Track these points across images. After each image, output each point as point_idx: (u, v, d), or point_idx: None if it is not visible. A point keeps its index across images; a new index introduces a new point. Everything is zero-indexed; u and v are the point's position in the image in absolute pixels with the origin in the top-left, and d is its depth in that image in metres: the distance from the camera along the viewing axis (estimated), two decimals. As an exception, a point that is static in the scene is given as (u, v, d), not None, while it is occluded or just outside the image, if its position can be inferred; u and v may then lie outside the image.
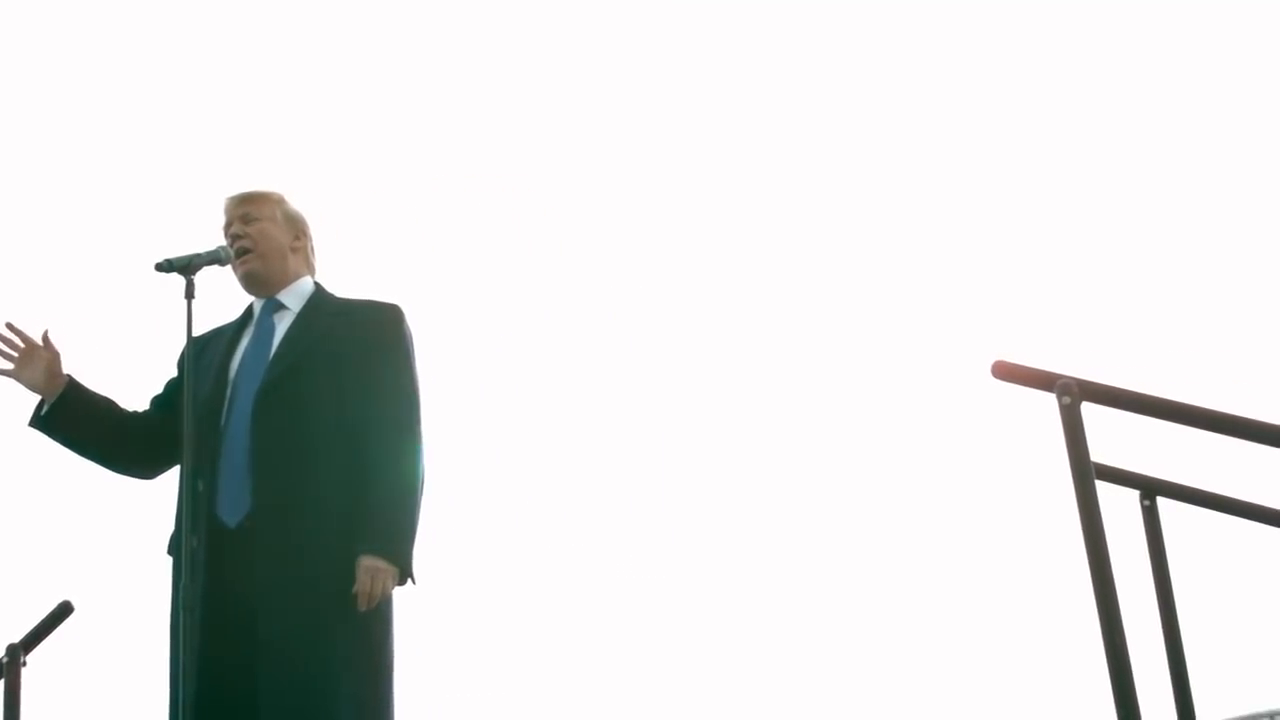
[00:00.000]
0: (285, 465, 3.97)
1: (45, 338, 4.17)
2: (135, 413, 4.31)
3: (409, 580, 3.98)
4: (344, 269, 4.55)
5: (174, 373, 4.34)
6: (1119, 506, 4.15)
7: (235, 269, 4.26)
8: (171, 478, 4.17)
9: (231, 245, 4.24)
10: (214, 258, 4.07)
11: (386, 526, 3.94)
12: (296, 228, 4.37)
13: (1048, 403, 3.32)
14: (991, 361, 3.39)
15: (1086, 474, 3.17)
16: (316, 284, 4.37)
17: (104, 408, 4.27)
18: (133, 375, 4.59)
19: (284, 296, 4.29)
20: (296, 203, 4.41)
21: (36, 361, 4.17)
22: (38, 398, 4.21)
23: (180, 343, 4.12)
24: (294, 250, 4.34)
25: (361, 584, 3.87)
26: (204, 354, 4.22)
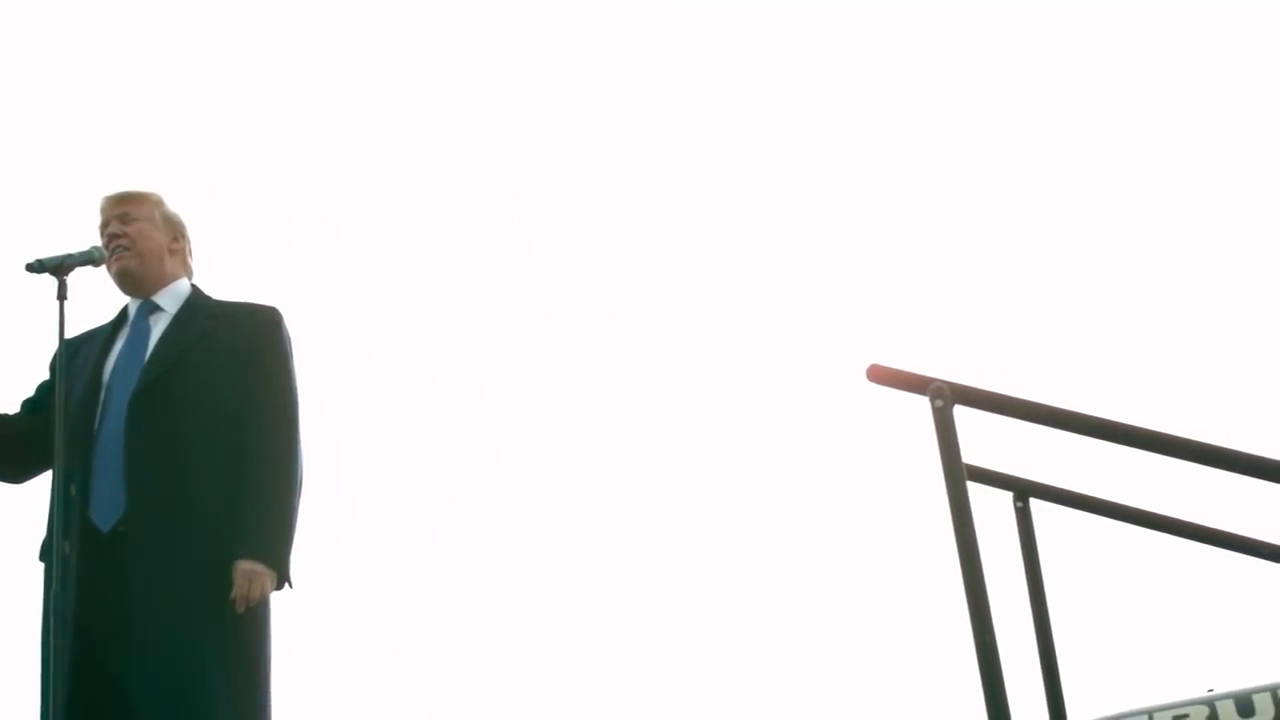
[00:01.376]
0: (160, 469, 3.91)
1: None
2: (5, 415, 4.23)
3: (286, 584, 3.96)
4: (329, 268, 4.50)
5: (46, 375, 4.28)
6: (994, 508, 4.23)
7: (110, 267, 4.20)
8: (43, 482, 4.11)
9: (108, 244, 4.18)
10: (87, 258, 4.01)
11: (264, 530, 3.91)
12: (175, 230, 4.31)
13: (922, 406, 3.37)
14: (866, 365, 3.43)
15: (958, 476, 3.22)
16: (193, 286, 4.32)
17: (-28, 411, 4.20)
18: (3, 378, 4.51)
19: (160, 298, 4.23)
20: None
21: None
22: None
23: (52, 345, 4.06)
24: (172, 252, 4.29)
25: (239, 588, 3.84)
26: (77, 356, 4.16)
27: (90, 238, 4.24)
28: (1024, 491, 4.00)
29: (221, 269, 4.17)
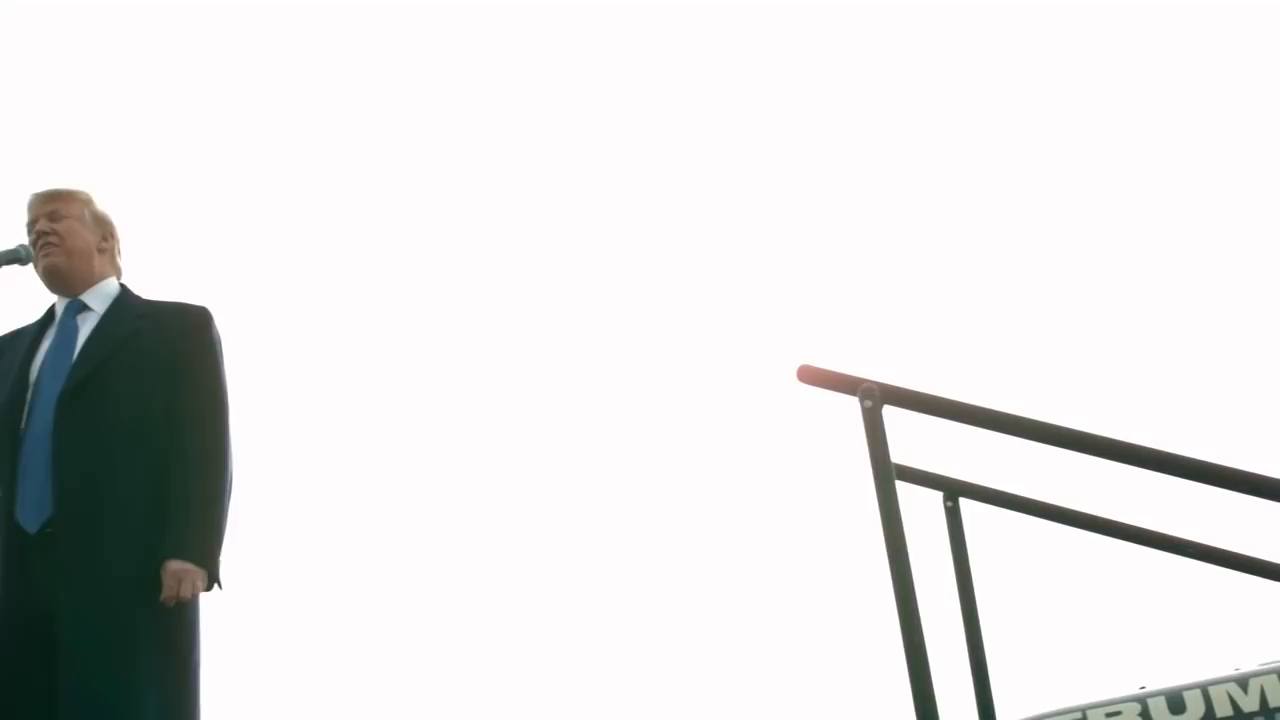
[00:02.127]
0: (89, 469, 3.88)
1: None
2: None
3: (216, 585, 3.94)
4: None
5: (-29, 375, 4.23)
6: (926, 507, 4.26)
7: (37, 265, 4.16)
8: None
9: (36, 242, 4.14)
10: (13, 256, 3.97)
11: (194, 530, 3.89)
12: (105, 229, 4.27)
13: (853, 406, 3.38)
14: (797, 366, 3.44)
15: (887, 475, 3.25)
16: (122, 285, 4.28)
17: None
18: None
19: (88, 297, 4.19)
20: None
21: None
22: None
23: (-23, 344, 4.02)
24: (101, 251, 4.25)
25: (169, 588, 3.81)
26: (3, 356, 4.12)
27: (17, 238, 4.20)
28: (954, 491, 4.03)
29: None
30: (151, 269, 4.48)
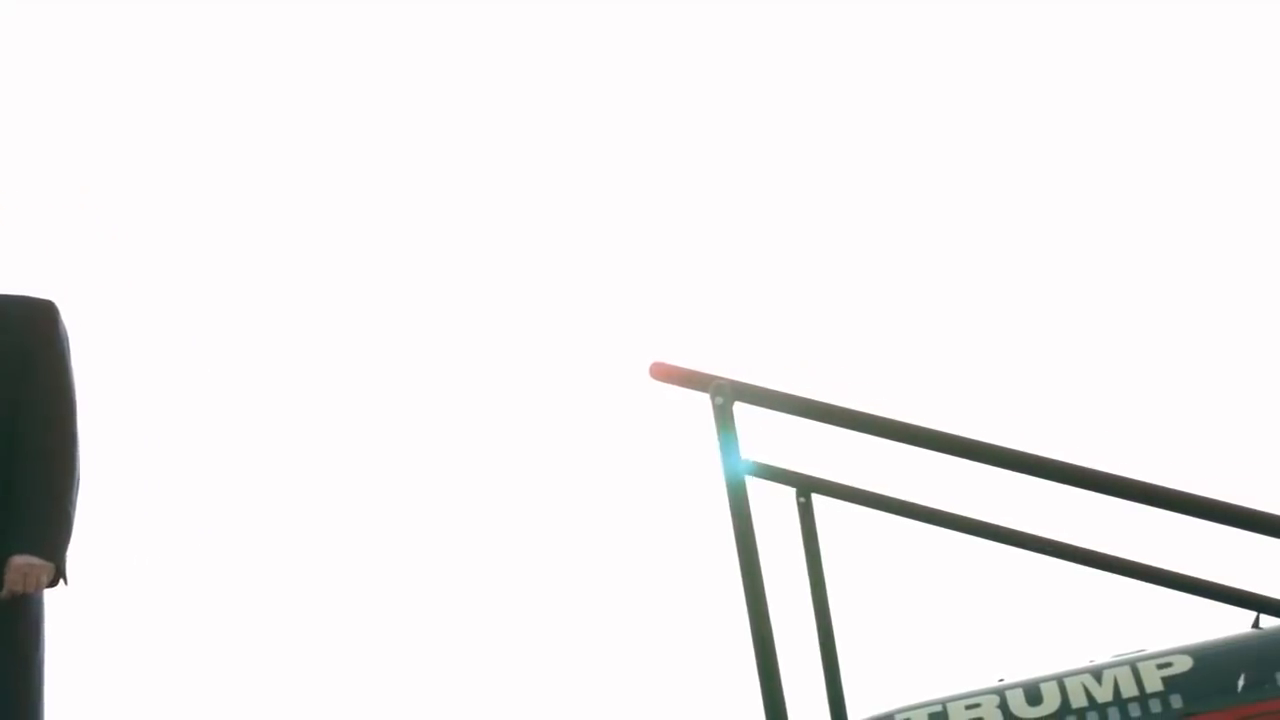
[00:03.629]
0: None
1: None
2: None
3: (62, 580, 3.88)
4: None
5: None
6: (782, 503, 4.29)
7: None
8: None
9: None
10: None
11: (40, 526, 3.83)
12: (-51, 220, 4.19)
13: (704, 404, 3.40)
14: (650, 363, 3.46)
15: (737, 471, 3.27)
16: (-36, 278, 4.19)
17: None
18: None
19: (-71, 290, 4.11)
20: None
21: None
22: None
23: None
24: (-56, 243, 4.17)
25: (12, 583, 3.75)
26: None
27: None
28: (806, 487, 4.06)
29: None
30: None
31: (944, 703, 17.21)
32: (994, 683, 17.22)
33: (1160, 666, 16.70)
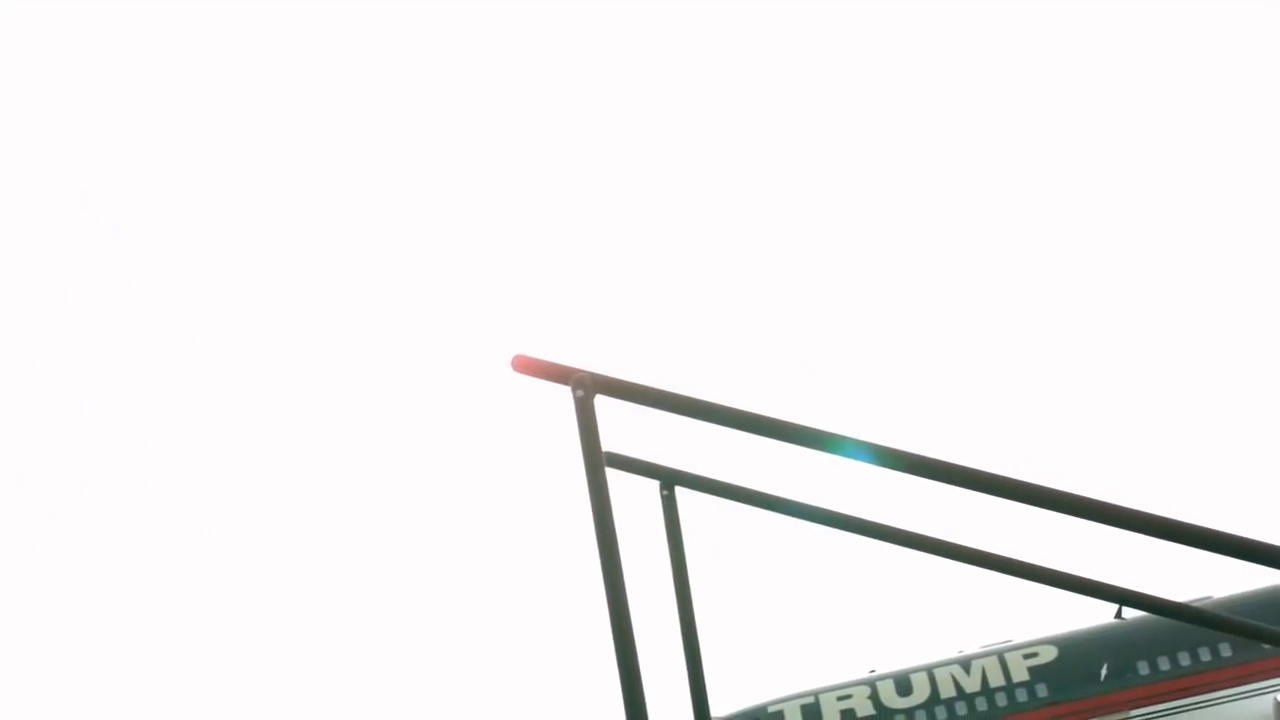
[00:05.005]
0: None
1: None
2: None
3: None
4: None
5: None
6: (647, 496, 4.29)
7: None
8: None
9: None
10: None
11: None
12: None
13: (567, 396, 3.39)
14: (511, 356, 3.43)
15: (597, 464, 3.27)
16: None
17: None
18: None
19: None
20: None
21: None
22: None
23: None
24: None
25: None
26: None
27: None
28: (670, 480, 4.06)
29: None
30: None
31: (816, 694, 17.42)
32: (865, 674, 17.46)
33: (1027, 657, 17.03)
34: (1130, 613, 15.24)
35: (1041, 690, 16.30)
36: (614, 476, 3.69)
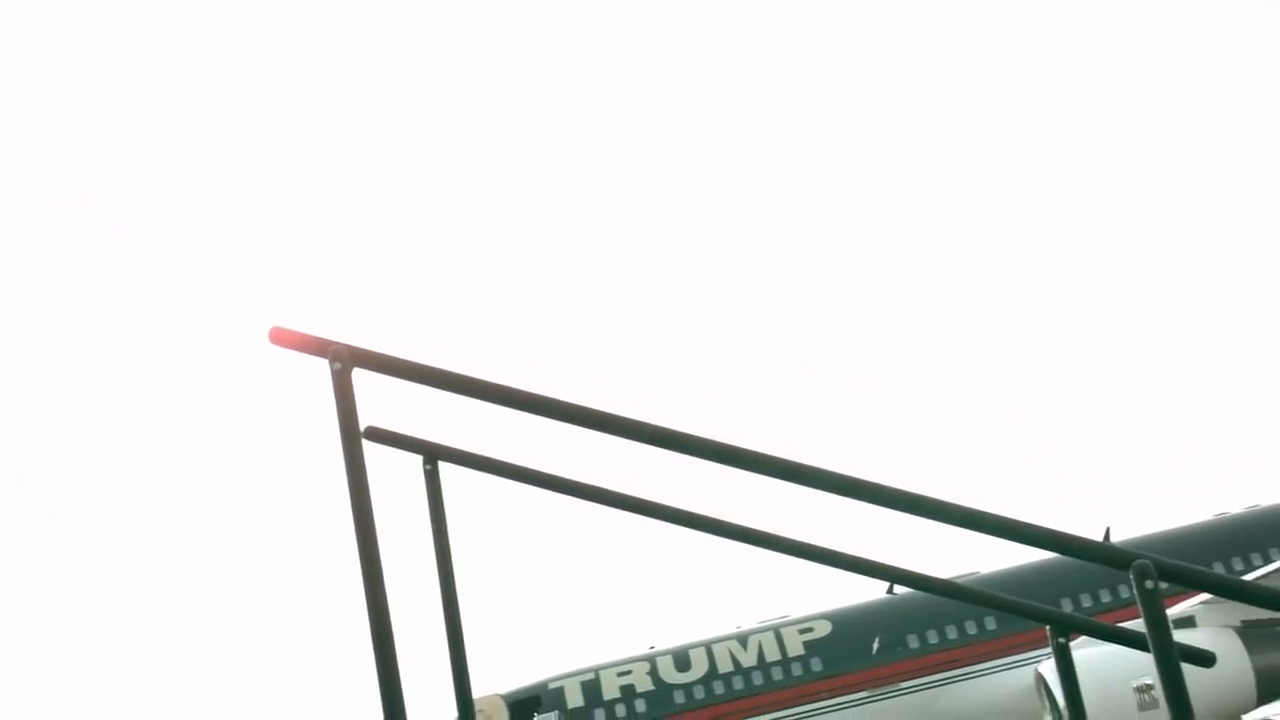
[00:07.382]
0: None
1: None
2: None
3: None
4: None
5: None
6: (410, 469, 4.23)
7: None
8: None
9: None
10: None
11: None
12: None
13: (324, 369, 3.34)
14: (269, 328, 3.37)
15: (354, 437, 3.23)
16: None
17: None
18: None
19: None
20: None
21: None
22: None
23: None
24: None
25: None
26: None
27: None
28: (433, 455, 4.03)
29: None
30: None
31: (596, 670, 17.55)
32: (645, 650, 17.63)
33: (802, 631, 17.36)
34: (901, 589, 15.62)
35: (816, 664, 16.64)
36: (377, 452, 3.66)
